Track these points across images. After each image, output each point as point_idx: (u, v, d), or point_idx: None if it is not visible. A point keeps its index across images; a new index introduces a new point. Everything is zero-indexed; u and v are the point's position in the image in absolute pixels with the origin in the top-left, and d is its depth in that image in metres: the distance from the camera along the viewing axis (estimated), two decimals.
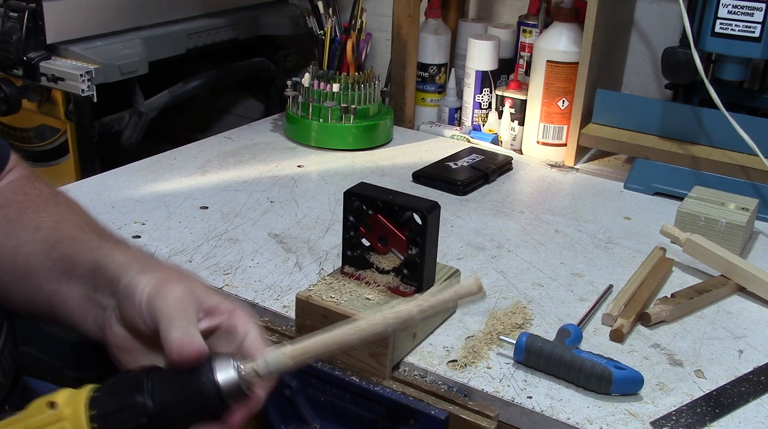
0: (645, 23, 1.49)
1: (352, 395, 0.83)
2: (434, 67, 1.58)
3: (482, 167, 1.34)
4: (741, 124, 1.21)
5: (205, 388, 0.58)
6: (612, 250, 1.12)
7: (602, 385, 0.80)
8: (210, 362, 0.59)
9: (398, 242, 0.85)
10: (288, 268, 1.02)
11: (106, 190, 1.23)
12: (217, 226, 1.13)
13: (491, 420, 0.79)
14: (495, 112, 1.52)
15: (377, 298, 0.85)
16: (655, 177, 1.31)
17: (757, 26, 1.16)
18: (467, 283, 0.59)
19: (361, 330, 0.59)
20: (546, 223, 1.19)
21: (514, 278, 1.02)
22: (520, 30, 1.52)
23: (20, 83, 1.39)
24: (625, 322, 0.90)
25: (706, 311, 0.97)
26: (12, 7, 1.33)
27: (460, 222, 1.18)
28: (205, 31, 1.58)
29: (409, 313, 0.59)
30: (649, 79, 1.52)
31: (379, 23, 1.69)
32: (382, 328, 0.59)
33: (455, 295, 0.59)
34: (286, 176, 1.32)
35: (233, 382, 0.59)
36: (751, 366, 0.86)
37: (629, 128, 1.36)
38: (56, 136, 1.49)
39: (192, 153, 1.40)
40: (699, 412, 0.78)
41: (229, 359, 0.60)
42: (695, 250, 1.04)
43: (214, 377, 0.58)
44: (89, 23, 1.41)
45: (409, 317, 0.59)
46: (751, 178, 1.24)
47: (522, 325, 0.91)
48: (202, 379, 0.59)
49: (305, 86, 1.43)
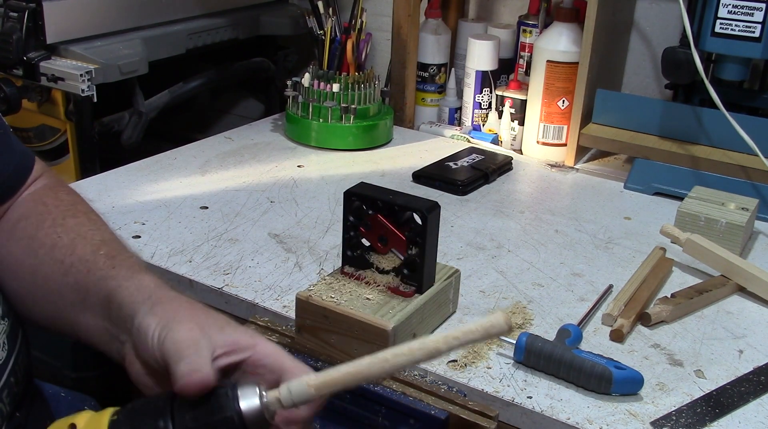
0: (645, 23, 1.49)
1: (352, 395, 0.83)
2: (434, 67, 1.58)
3: (482, 167, 1.34)
4: (741, 124, 1.21)
5: (227, 415, 0.57)
6: (612, 250, 1.12)
7: (602, 385, 0.80)
8: (234, 389, 0.58)
9: (398, 242, 0.85)
10: (288, 268, 1.02)
11: (106, 190, 1.23)
12: (217, 226, 1.13)
13: (491, 420, 0.79)
14: (495, 112, 1.52)
15: (377, 298, 0.85)
16: (655, 177, 1.31)
17: (757, 26, 1.16)
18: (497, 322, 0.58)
19: (385, 362, 0.58)
20: (546, 223, 1.19)
21: (514, 278, 1.02)
22: (520, 30, 1.52)
23: (20, 83, 1.39)
24: (625, 322, 0.90)
25: (706, 311, 0.97)
26: (12, 7, 1.33)
27: (460, 222, 1.18)
28: (205, 31, 1.58)
29: (436, 347, 0.58)
30: (649, 79, 1.52)
31: (379, 23, 1.69)
32: (407, 360, 0.58)
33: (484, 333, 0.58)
34: (286, 176, 1.32)
35: (256, 411, 0.58)
36: (751, 366, 0.86)
37: (629, 128, 1.36)
38: (56, 136, 1.49)
39: (192, 153, 1.40)
40: (699, 412, 0.78)
41: (254, 387, 0.58)
42: (695, 250, 1.04)
43: (237, 404, 0.57)
44: (89, 23, 1.41)
45: (436, 351, 0.58)
46: (751, 178, 1.24)
47: (522, 325, 0.91)
48: (225, 406, 0.57)
49: (305, 86, 1.43)
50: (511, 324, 0.59)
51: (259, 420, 0.58)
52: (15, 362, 0.72)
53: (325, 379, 0.58)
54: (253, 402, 0.58)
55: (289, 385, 0.58)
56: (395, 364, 0.58)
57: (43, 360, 1.21)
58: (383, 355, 0.58)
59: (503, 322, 0.58)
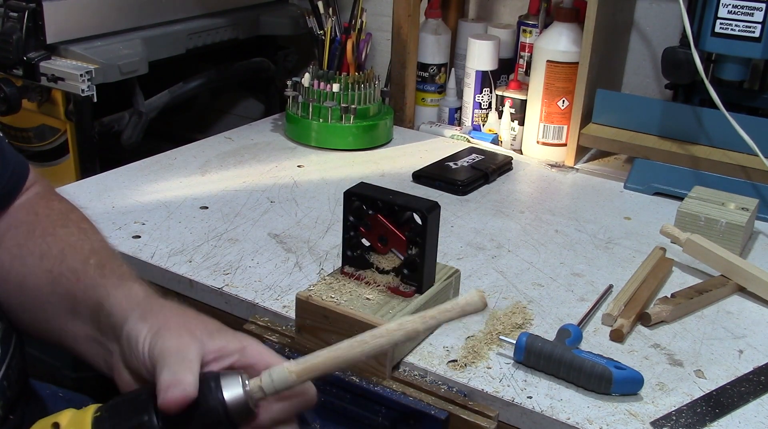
0: (645, 23, 1.49)
1: (352, 395, 0.83)
2: (434, 67, 1.58)
3: (482, 167, 1.34)
4: (741, 124, 1.21)
5: (211, 405, 0.57)
6: (612, 250, 1.12)
7: (602, 385, 0.80)
8: (217, 380, 0.58)
9: (398, 242, 0.85)
10: (288, 268, 1.02)
11: (106, 190, 1.23)
12: (217, 226, 1.13)
13: (491, 420, 0.79)
14: (495, 112, 1.52)
15: (377, 298, 0.85)
16: (655, 177, 1.31)
17: (757, 26, 1.16)
18: (472, 300, 0.59)
19: (365, 344, 0.58)
20: (546, 223, 1.19)
21: (514, 278, 1.02)
22: (520, 30, 1.52)
23: (20, 83, 1.39)
24: (625, 322, 0.90)
25: (706, 311, 0.97)
26: (12, 7, 1.33)
27: (460, 222, 1.18)
28: (205, 31, 1.58)
29: (414, 327, 0.59)
30: (649, 79, 1.52)
31: (379, 23, 1.69)
32: (386, 342, 0.59)
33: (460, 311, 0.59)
34: (286, 176, 1.32)
35: (240, 400, 0.58)
36: (751, 366, 0.86)
37: (629, 128, 1.36)
38: (56, 136, 1.49)
39: (192, 153, 1.40)
40: (699, 412, 0.78)
41: (237, 376, 0.59)
42: (695, 250, 1.04)
43: (221, 394, 0.58)
44: (89, 23, 1.41)
45: (414, 331, 0.59)
46: (751, 178, 1.24)
47: (522, 325, 0.91)
48: (209, 396, 0.58)
49: (305, 86, 1.43)
50: (486, 301, 0.59)
51: (243, 409, 0.58)
52: (8, 366, 0.72)
53: (306, 365, 0.58)
54: (236, 391, 0.58)
55: (270, 372, 0.59)
56: (375, 345, 0.59)
57: (41, 360, 1.21)
58: (362, 338, 0.59)
59: (478, 299, 0.59)
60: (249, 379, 0.59)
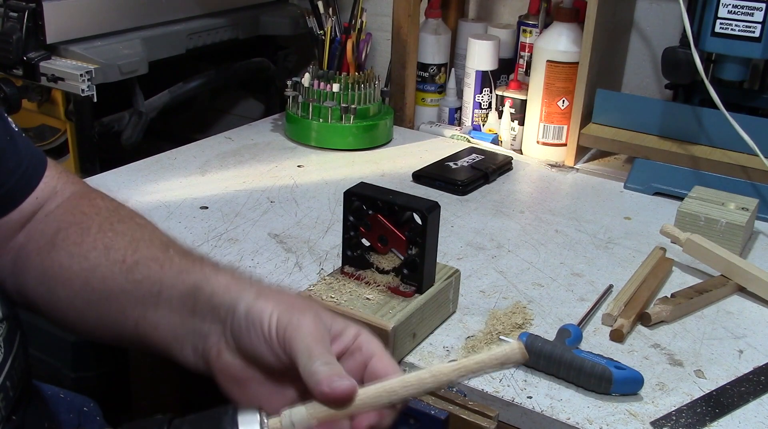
0: (645, 23, 1.49)
1: None
2: (434, 67, 1.58)
3: (482, 167, 1.34)
4: (741, 124, 1.21)
5: None
6: (612, 250, 1.12)
7: (602, 385, 0.80)
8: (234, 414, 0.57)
9: (398, 242, 0.85)
10: (288, 268, 1.02)
11: (106, 190, 1.21)
12: (217, 226, 1.13)
13: (491, 420, 0.79)
14: (495, 112, 1.52)
15: (377, 298, 0.85)
16: (655, 177, 1.31)
17: (757, 26, 1.16)
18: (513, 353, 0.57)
19: (393, 392, 0.57)
20: (546, 223, 1.19)
21: (514, 278, 1.02)
22: (520, 30, 1.52)
23: (20, 83, 1.39)
24: (625, 322, 0.90)
25: (706, 311, 0.97)
26: (12, 7, 1.33)
27: (460, 222, 1.18)
28: (205, 31, 1.58)
29: (448, 378, 0.57)
30: (649, 79, 1.52)
31: (379, 23, 1.69)
32: (416, 390, 0.57)
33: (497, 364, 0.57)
34: (286, 176, 1.32)
35: None
36: (751, 366, 0.86)
37: (629, 128, 1.36)
38: (56, 136, 1.49)
39: (192, 153, 1.40)
40: (699, 412, 0.78)
41: (255, 413, 0.57)
42: (695, 250, 1.04)
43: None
44: (89, 23, 1.41)
45: (447, 380, 0.58)
46: (751, 178, 1.24)
47: (522, 325, 0.91)
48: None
49: (305, 86, 1.43)
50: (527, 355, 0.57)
51: None
52: (11, 366, 0.72)
53: (327, 411, 0.57)
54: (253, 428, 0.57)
55: (290, 413, 0.57)
56: (403, 395, 0.57)
57: (42, 360, 1.21)
58: (391, 386, 0.57)
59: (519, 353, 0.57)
60: (267, 417, 0.57)
